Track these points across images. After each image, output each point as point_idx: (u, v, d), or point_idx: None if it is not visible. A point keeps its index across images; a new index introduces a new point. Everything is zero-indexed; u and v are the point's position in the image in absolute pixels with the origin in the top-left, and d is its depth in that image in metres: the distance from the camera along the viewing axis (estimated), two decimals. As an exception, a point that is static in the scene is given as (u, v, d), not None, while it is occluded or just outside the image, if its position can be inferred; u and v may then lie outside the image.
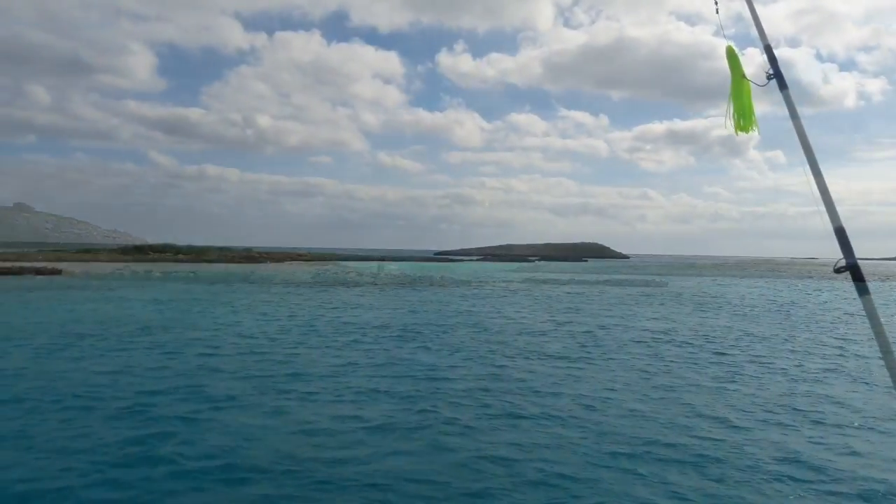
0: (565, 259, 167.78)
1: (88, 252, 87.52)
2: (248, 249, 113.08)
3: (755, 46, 4.15)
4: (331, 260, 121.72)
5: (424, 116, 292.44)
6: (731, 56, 4.09)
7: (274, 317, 27.22)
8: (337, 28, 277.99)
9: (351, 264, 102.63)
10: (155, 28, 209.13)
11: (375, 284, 52.50)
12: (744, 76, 4.05)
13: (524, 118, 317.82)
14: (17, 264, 63.27)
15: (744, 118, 3.97)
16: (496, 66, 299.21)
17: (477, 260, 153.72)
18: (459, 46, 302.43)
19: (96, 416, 11.14)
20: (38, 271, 58.42)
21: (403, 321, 26.45)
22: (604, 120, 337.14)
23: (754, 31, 4.11)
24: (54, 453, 9.27)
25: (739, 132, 4.01)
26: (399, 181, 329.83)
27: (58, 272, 58.79)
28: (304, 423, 11.00)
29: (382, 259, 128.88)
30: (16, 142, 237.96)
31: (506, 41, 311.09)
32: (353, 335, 22.00)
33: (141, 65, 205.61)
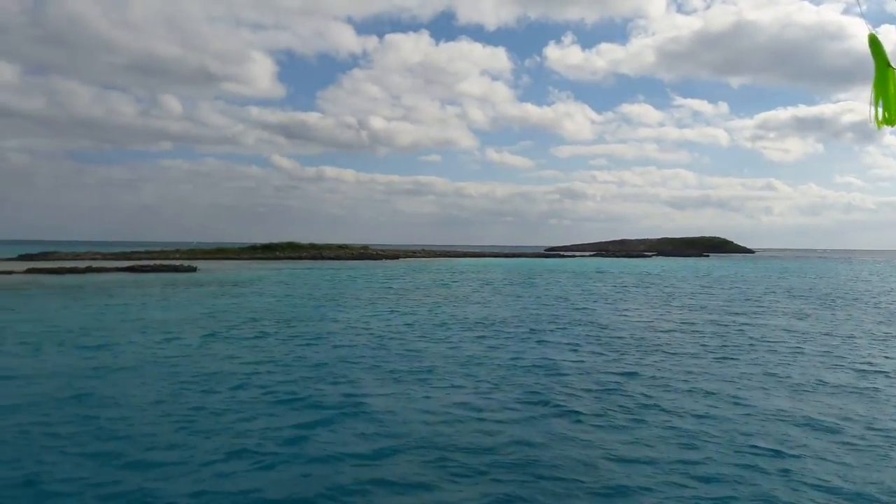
0: (684, 254, 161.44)
1: (221, 250, 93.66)
2: (365, 247, 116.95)
3: (890, 23, 4.00)
4: (443, 256, 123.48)
5: (533, 111, 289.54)
6: (875, 44, 3.96)
7: (397, 311, 28.15)
8: (444, 27, 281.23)
9: (461, 261, 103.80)
10: (273, 36, 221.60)
11: (488, 281, 52.93)
12: (889, 65, 3.93)
13: (637, 108, 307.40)
14: (158, 262, 68.84)
15: (890, 111, 3.85)
16: (606, 57, 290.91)
17: (589, 256, 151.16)
18: (567, 39, 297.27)
19: (249, 405, 12.15)
20: (176, 269, 63.13)
21: (520, 317, 26.66)
22: (723, 107, 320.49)
23: (889, 7, 3.99)
24: (212, 449, 10.22)
25: (883, 125, 3.89)
26: (508, 177, 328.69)
27: (193, 269, 63.32)
28: (439, 414, 11.50)
29: (494, 255, 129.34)
30: (152, 149, 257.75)
31: (615, 31, 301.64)
32: (475, 330, 22.45)
33: (261, 72, 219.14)
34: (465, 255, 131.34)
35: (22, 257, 76.58)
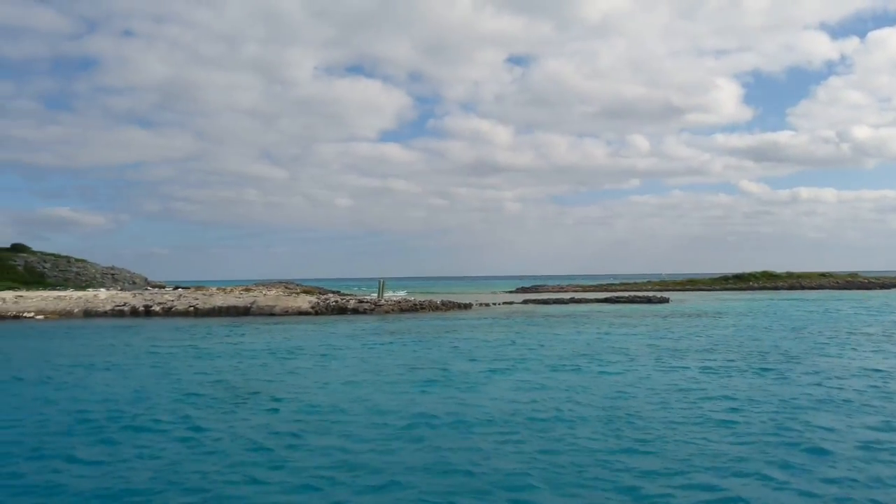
0: None
1: (691, 281, 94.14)
2: (853, 274, 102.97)
3: None
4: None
5: None
6: None
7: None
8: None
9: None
10: (737, 60, 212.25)
11: None
12: None
13: None
14: (633, 294, 73.11)
15: None
16: None
17: None
18: None
19: (694, 426, 12.27)
20: (650, 300, 65.86)
21: None
22: None
23: None
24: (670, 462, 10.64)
25: None
26: None
27: (665, 300, 65.12)
28: None
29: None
30: (622, 187, 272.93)
31: None
32: None
33: (726, 98, 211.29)
34: None
35: (518, 290, 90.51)
